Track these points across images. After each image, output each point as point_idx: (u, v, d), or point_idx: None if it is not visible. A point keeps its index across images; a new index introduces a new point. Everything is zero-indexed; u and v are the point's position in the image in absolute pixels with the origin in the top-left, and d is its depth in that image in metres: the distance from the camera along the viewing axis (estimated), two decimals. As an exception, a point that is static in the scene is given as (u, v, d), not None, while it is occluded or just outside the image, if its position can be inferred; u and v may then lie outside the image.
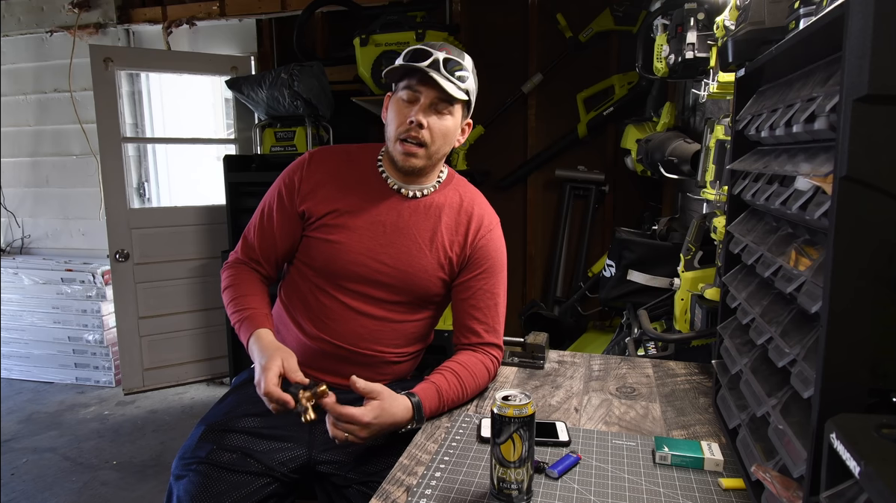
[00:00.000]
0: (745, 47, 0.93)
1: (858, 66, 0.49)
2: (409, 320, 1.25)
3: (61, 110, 3.52)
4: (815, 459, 0.52)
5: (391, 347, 1.24)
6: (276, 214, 1.24)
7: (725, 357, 0.96)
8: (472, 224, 1.25)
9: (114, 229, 3.08)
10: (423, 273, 1.22)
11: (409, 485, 0.85)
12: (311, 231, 1.22)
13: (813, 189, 0.62)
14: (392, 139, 1.20)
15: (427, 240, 1.23)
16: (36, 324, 3.39)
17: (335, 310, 1.21)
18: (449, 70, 1.15)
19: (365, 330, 1.22)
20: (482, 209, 1.29)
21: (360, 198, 1.23)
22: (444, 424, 1.05)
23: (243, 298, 1.20)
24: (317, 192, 1.22)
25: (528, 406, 0.79)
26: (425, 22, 2.90)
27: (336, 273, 1.20)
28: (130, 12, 3.43)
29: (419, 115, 1.15)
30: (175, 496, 1.08)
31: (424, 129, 1.16)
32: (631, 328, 1.89)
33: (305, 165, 1.25)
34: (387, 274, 1.20)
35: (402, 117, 1.17)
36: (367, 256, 1.20)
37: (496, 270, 1.26)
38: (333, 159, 1.27)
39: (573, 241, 3.22)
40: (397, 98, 1.19)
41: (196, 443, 1.13)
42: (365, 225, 1.21)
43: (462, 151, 3.14)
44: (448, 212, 1.25)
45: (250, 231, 1.28)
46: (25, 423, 2.89)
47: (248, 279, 1.24)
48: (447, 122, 1.19)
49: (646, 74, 1.85)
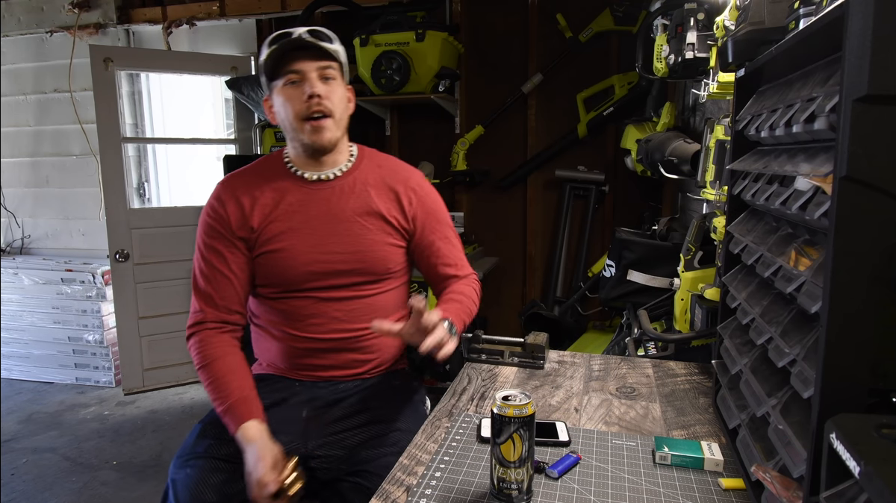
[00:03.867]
0: (745, 47, 0.93)
1: (858, 66, 0.49)
2: (380, 292, 1.28)
3: (61, 110, 3.52)
4: (815, 459, 0.52)
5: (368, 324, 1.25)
6: (225, 251, 1.21)
7: (725, 357, 0.96)
8: (399, 188, 1.29)
9: (114, 229, 3.08)
10: (374, 246, 1.24)
11: (409, 485, 0.85)
12: (257, 250, 1.22)
13: (813, 189, 0.62)
14: (294, 126, 1.20)
15: (365, 214, 1.25)
16: (36, 325, 3.39)
17: (307, 308, 1.22)
18: (316, 38, 1.19)
19: (341, 313, 1.23)
20: (404, 172, 1.33)
21: (286, 201, 1.23)
22: (444, 424, 1.05)
23: (221, 381, 1.13)
24: (244, 213, 1.22)
25: (528, 406, 0.79)
26: (425, 22, 2.90)
27: (295, 279, 1.21)
28: (130, 12, 3.43)
29: (315, 88, 1.17)
30: (171, 493, 1.07)
31: (325, 98, 1.18)
32: (631, 328, 1.89)
33: (222, 195, 1.24)
34: (341, 261, 1.22)
35: (296, 100, 1.18)
36: (317, 251, 1.21)
37: (440, 218, 1.34)
38: (243, 179, 1.27)
39: (573, 241, 3.22)
40: (281, 88, 1.20)
41: (194, 441, 1.14)
42: (302, 224, 1.22)
43: (462, 151, 3.14)
44: (373, 183, 1.28)
45: (201, 284, 1.21)
46: (25, 423, 2.89)
47: (219, 353, 1.16)
48: (338, 87, 1.23)
49: (646, 74, 1.85)
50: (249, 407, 1.10)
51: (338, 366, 1.26)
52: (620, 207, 3.15)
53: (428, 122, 3.27)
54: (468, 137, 3.15)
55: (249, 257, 1.22)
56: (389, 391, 1.29)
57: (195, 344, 1.19)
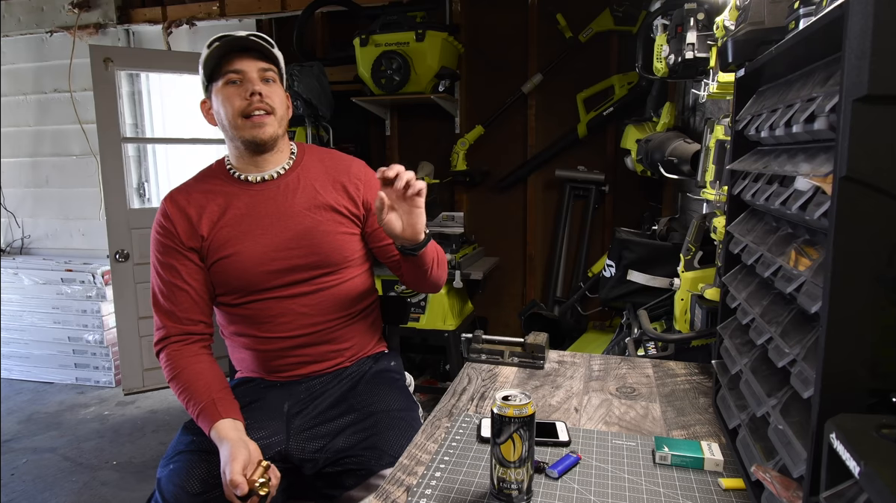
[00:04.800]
0: (745, 47, 0.93)
1: (858, 66, 0.49)
2: (342, 281, 1.27)
3: (61, 110, 3.52)
4: (815, 459, 0.52)
5: (339, 311, 1.27)
6: (177, 265, 1.22)
7: (725, 357, 0.96)
8: (343, 178, 1.29)
9: (114, 229, 3.08)
10: (327, 237, 1.24)
11: (409, 485, 0.85)
12: (210, 258, 1.22)
13: (813, 189, 0.62)
14: (235, 124, 1.20)
15: (313, 208, 1.25)
16: (36, 325, 3.39)
17: (271, 308, 1.22)
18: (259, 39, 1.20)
19: (307, 308, 1.24)
20: (345, 162, 1.33)
21: (232, 207, 1.23)
22: (444, 424, 1.05)
23: (191, 387, 1.13)
24: (192, 224, 1.22)
25: (528, 406, 0.79)
26: (425, 22, 2.90)
27: (253, 281, 1.21)
28: (130, 12, 3.43)
29: (256, 86, 1.18)
30: (157, 492, 1.08)
31: (266, 97, 1.19)
32: (631, 328, 1.89)
33: (168, 210, 1.25)
34: (297, 255, 1.22)
35: (237, 98, 1.19)
36: (271, 250, 1.21)
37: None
38: (187, 191, 1.27)
39: (573, 241, 3.22)
40: (221, 88, 1.20)
41: (177, 440, 1.15)
42: (252, 226, 1.22)
43: (462, 151, 3.14)
44: (317, 176, 1.28)
45: (161, 301, 1.22)
46: (25, 423, 2.89)
47: (185, 363, 1.17)
48: (279, 89, 1.24)
49: (646, 74, 1.85)
50: (220, 406, 1.10)
51: (314, 361, 1.27)
52: (620, 207, 3.15)
53: (428, 122, 3.28)
54: (468, 137, 3.15)
55: (203, 267, 1.23)
56: (368, 374, 1.30)
57: (163, 359, 1.20)
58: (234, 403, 1.13)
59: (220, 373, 1.19)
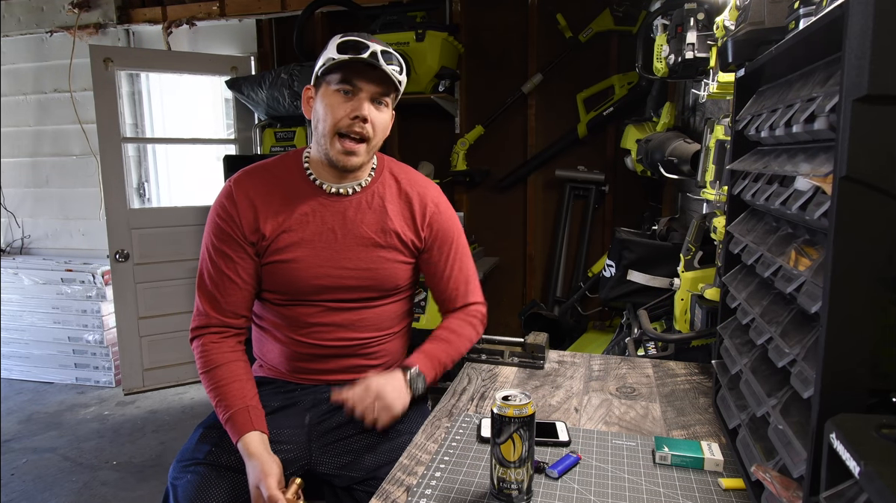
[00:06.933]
0: (745, 47, 0.93)
1: (858, 66, 0.49)
2: (386, 303, 1.26)
3: (61, 110, 3.52)
4: (815, 459, 0.52)
5: (379, 330, 1.26)
6: (234, 256, 1.17)
7: (725, 357, 0.96)
8: (415, 205, 1.26)
9: (114, 229, 3.08)
10: (384, 265, 1.22)
11: (409, 485, 0.85)
12: (266, 258, 1.19)
13: (813, 189, 0.62)
14: (328, 135, 1.15)
15: (379, 231, 1.22)
16: (36, 325, 3.39)
17: (313, 315, 1.21)
18: (387, 61, 1.12)
19: (347, 321, 1.23)
20: (422, 187, 1.29)
21: (300, 211, 1.19)
22: (444, 424, 1.05)
23: (224, 389, 1.11)
24: (257, 217, 1.18)
25: (528, 406, 0.79)
26: (425, 22, 2.90)
27: (302, 290, 1.19)
28: (130, 12, 3.43)
29: (364, 110, 1.12)
30: (172, 498, 1.07)
31: (369, 124, 1.14)
32: (631, 328, 1.89)
33: (235, 195, 1.18)
34: (350, 277, 1.20)
35: (341, 112, 1.13)
36: (328, 266, 1.19)
37: (454, 238, 1.30)
38: (257, 180, 1.21)
39: (573, 241, 3.22)
40: (332, 92, 1.14)
41: (194, 446, 1.12)
42: (315, 236, 1.19)
43: (462, 151, 3.14)
44: (390, 199, 1.25)
45: (207, 285, 1.18)
46: (25, 423, 2.89)
47: (222, 360, 1.14)
48: (385, 115, 1.19)
49: (646, 74, 1.85)
50: (251, 417, 1.08)
51: (341, 371, 1.25)
52: (620, 207, 3.15)
53: (428, 121, 3.27)
54: (468, 137, 3.15)
55: (258, 263, 1.19)
56: None
57: (198, 348, 1.17)
58: (262, 414, 1.11)
59: (252, 378, 1.16)
